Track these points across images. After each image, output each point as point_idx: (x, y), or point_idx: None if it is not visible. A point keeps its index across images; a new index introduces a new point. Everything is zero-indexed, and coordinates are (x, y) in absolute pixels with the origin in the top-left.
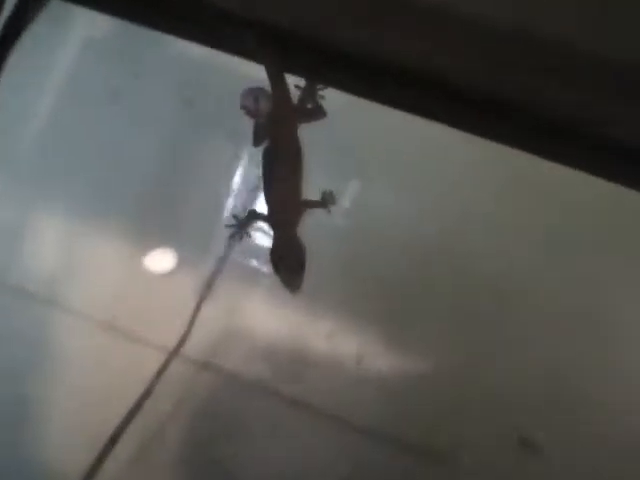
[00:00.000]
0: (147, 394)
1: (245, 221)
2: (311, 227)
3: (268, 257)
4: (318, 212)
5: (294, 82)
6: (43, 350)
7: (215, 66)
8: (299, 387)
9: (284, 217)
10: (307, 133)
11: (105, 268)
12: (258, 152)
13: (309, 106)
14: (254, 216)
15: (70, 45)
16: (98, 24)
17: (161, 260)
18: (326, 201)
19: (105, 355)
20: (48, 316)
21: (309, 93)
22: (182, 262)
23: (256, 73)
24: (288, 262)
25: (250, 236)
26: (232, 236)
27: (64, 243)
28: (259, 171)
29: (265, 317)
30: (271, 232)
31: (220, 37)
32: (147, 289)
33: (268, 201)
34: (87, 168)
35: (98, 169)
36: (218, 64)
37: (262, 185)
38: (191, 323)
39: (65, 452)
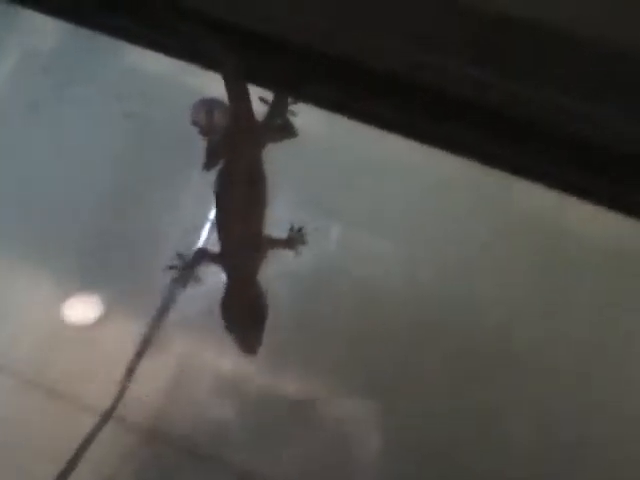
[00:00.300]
0: (73, 464)
1: (192, 262)
2: (275, 273)
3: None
4: (284, 254)
5: (259, 94)
6: None
7: (162, 79)
8: (258, 463)
9: (241, 259)
10: (273, 156)
11: (25, 316)
12: (211, 177)
13: (277, 123)
14: (203, 256)
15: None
16: (32, 34)
17: (90, 306)
18: (294, 240)
19: (28, 416)
20: None
21: (277, 108)
22: (116, 309)
23: (208, 87)
24: (244, 316)
25: (198, 281)
26: (176, 280)
27: None
28: (211, 200)
29: (217, 378)
30: (224, 277)
31: (175, 41)
32: (74, 340)
33: (221, 238)
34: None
35: (13, 197)
36: (165, 77)
37: (214, 218)
38: (125, 381)
39: None
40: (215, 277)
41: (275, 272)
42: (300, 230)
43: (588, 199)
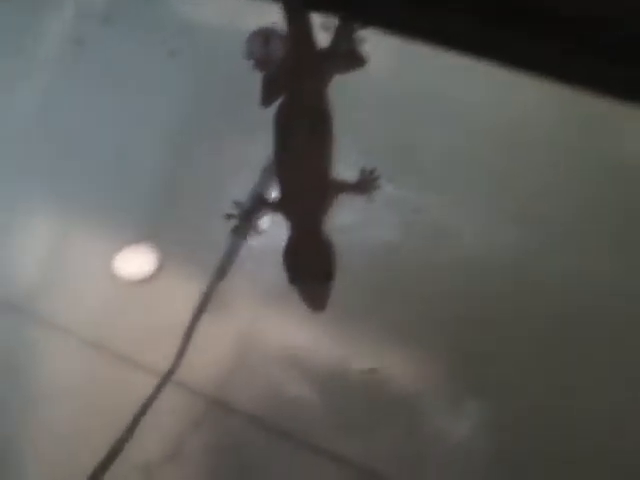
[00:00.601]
0: (132, 427)
1: (251, 210)
2: (343, 221)
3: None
4: (353, 200)
5: (321, 20)
6: (21, 368)
7: (210, 17)
8: (331, 438)
9: (304, 205)
10: (339, 88)
11: (78, 270)
12: (269, 115)
13: (343, 51)
14: (263, 203)
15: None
16: None
17: (145, 259)
18: (365, 184)
19: (88, 376)
20: (24, 329)
21: (343, 34)
22: (172, 263)
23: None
24: (309, 269)
25: (259, 231)
26: (235, 230)
27: (37, 246)
28: (270, 142)
29: (282, 341)
30: (288, 226)
31: None
32: (128, 295)
33: (282, 183)
34: (49, 150)
35: (61, 147)
36: (213, 15)
37: (274, 160)
38: (185, 343)
39: None
40: (279, 227)
41: (344, 220)
42: (372, 172)
43: None
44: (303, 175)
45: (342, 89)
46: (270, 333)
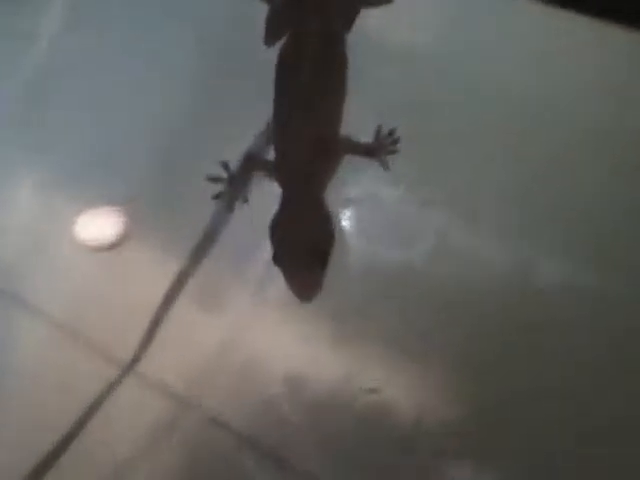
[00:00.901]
0: (87, 416)
1: (240, 173)
2: (351, 193)
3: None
4: (366, 165)
5: None
6: None
7: None
8: (313, 459)
9: (304, 167)
10: (358, 30)
11: (43, 235)
12: (271, 59)
13: None
14: (254, 164)
15: None
16: None
17: (111, 227)
18: (381, 146)
19: (46, 357)
20: None
21: None
22: (144, 236)
23: None
24: (300, 247)
25: (247, 200)
26: (220, 197)
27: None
28: (270, 93)
29: (271, 342)
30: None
31: None
32: (96, 267)
33: (278, 137)
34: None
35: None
36: None
37: (273, 112)
38: (150, 334)
39: None
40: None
41: (352, 191)
42: (391, 134)
43: None
44: (304, 129)
45: (364, 40)
46: (258, 332)
